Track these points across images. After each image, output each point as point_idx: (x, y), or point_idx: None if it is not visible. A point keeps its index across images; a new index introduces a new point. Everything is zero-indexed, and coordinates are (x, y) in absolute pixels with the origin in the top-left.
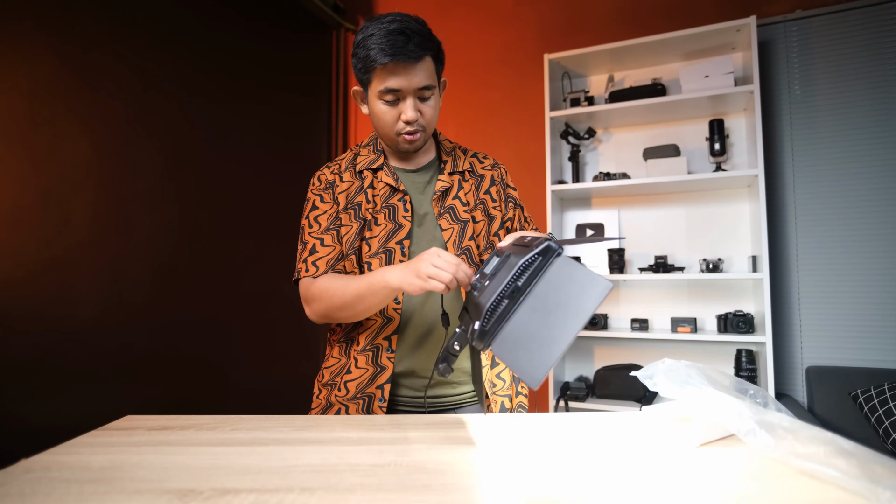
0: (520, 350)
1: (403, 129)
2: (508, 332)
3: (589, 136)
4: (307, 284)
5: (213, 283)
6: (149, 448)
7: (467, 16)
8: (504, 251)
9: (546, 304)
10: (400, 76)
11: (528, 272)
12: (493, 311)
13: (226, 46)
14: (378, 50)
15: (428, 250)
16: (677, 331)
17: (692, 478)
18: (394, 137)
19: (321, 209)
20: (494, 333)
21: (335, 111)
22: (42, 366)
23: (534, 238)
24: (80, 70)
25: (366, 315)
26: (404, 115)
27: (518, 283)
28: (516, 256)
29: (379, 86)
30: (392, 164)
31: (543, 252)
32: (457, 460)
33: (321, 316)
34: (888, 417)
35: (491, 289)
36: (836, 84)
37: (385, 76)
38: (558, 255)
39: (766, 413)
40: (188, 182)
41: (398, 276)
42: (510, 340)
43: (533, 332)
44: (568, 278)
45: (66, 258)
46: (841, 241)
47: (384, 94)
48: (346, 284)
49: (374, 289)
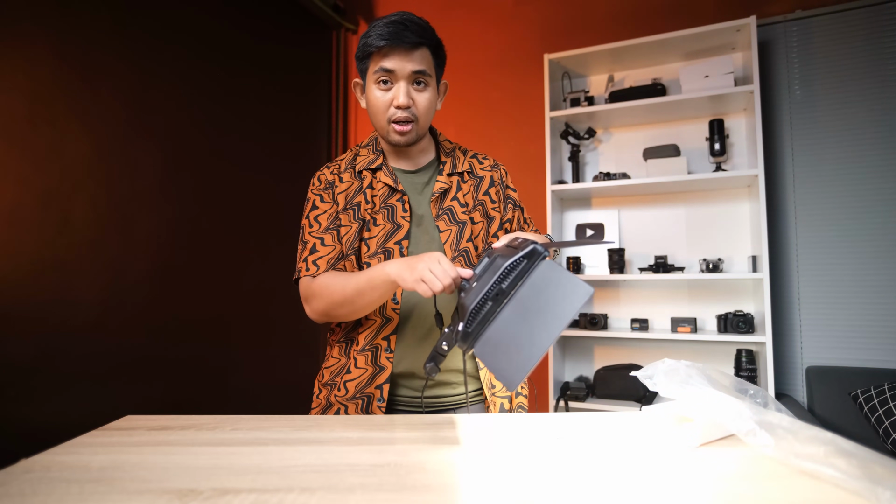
0: (500, 353)
1: (394, 114)
2: (491, 334)
3: (589, 136)
4: (307, 283)
5: (213, 283)
6: (149, 448)
7: (467, 16)
8: (494, 253)
9: (528, 308)
10: (394, 59)
11: (512, 275)
12: (477, 312)
13: (226, 46)
14: (376, 36)
15: (431, 253)
16: (677, 331)
17: (692, 478)
18: (386, 126)
19: (321, 209)
20: (478, 335)
21: (335, 111)
22: (42, 366)
23: (523, 241)
24: (81, 70)
25: (366, 311)
26: (396, 100)
27: (502, 286)
28: (502, 258)
29: (374, 67)
30: (391, 164)
31: (529, 255)
32: (457, 460)
33: (321, 314)
34: (888, 417)
35: (476, 290)
36: (836, 84)
37: (380, 59)
38: (543, 259)
39: (766, 413)
40: (188, 182)
41: (395, 267)
42: (492, 343)
43: (514, 336)
44: (551, 282)
45: (66, 258)
46: (841, 241)
47: (378, 74)
48: (345, 280)
49: (374, 283)
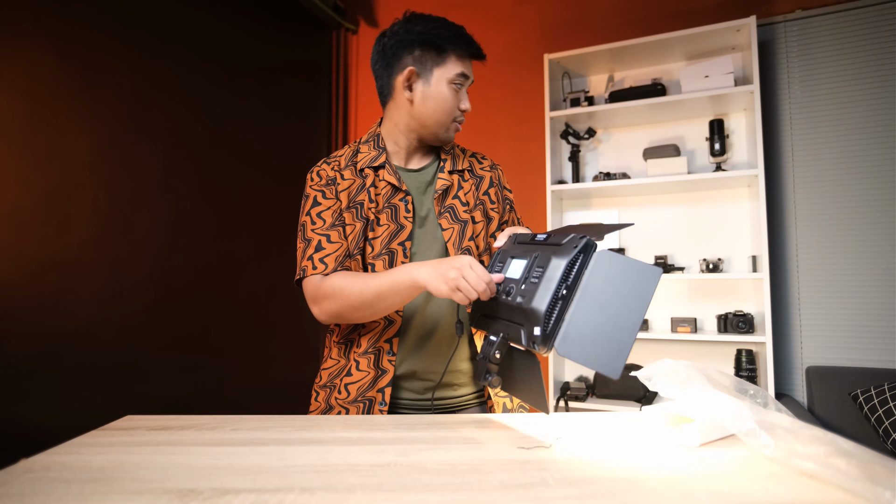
0: (588, 346)
1: (458, 116)
2: (569, 331)
3: (589, 136)
4: (316, 283)
5: (213, 284)
6: (149, 448)
7: (467, 15)
8: (509, 252)
9: (600, 298)
10: (469, 68)
11: (573, 271)
12: (551, 313)
13: (226, 46)
14: (462, 41)
15: (459, 257)
16: (677, 331)
17: (692, 478)
18: (447, 124)
19: (324, 205)
20: (555, 335)
21: (335, 111)
22: (42, 366)
23: (559, 235)
24: (81, 69)
25: (382, 315)
26: (463, 104)
27: (567, 283)
28: (557, 257)
29: (455, 69)
30: (393, 162)
31: (584, 249)
32: (457, 460)
33: (332, 315)
34: (888, 417)
35: (539, 292)
36: (836, 84)
37: (460, 64)
38: (595, 250)
39: (766, 413)
40: (188, 182)
41: (427, 274)
42: (572, 339)
43: (598, 326)
44: (615, 269)
45: (66, 258)
46: (841, 240)
47: (458, 78)
48: (364, 282)
49: (398, 287)
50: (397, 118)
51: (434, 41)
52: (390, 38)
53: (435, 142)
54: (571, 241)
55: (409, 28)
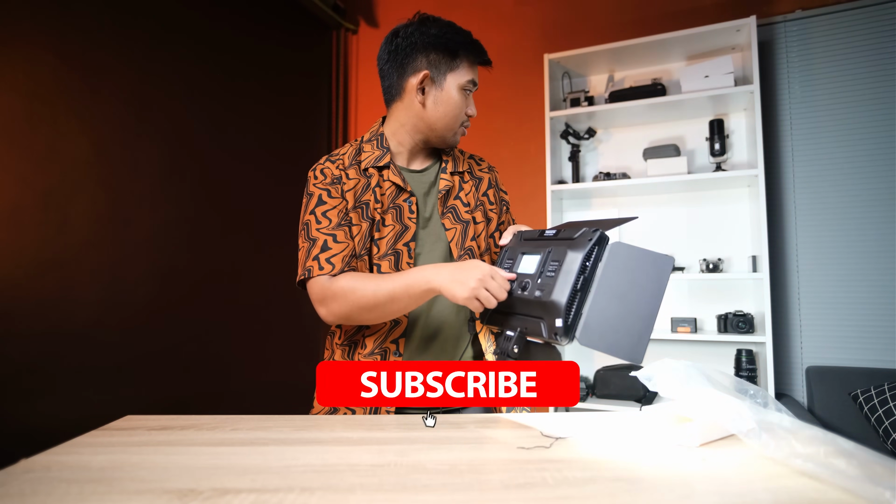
0: (609, 335)
1: (465, 122)
2: (588, 322)
3: (589, 136)
4: (324, 283)
5: (212, 284)
6: (149, 448)
7: (467, 15)
8: (518, 248)
9: (616, 288)
10: (477, 74)
11: (588, 264)
12: (570, 306)
13: (226, 46)
14: (474, 49)
15: (479, 264)
16: (677, 331)
17: (692, 478)
18: (455, 128)
19: (330, 204)
20: (576, 326)
21: (335, 111)
22: (42, 366)
23: (570, 230)
24: (81, 70)
25: (392, 317)
26: (470, 110)
27: (585, 275)
28: (573, 251)
29: (467, 76)
30: (397, 162)
31: (599, 241)
32: (457, 460)
33: (340, 317)
34: (888, 417)
35: (558, 285)
36: (836, 84)
37: (471, 70)
38: (608, 242)
39: (766, 413)
40: (188, 182)
41: (445, 280)
42: (592, 329)
43: (617, 315)
44: (630, 259)
45: (66, 258)
46: (841, 240)
47: (469, 84)
48: (376, 284)
49: (412, 290)
50: (404, 119)
51: (449, 46)
52: (404, 39)
53: (441, 145)
54: (585, 234)
55: (423, 31)
